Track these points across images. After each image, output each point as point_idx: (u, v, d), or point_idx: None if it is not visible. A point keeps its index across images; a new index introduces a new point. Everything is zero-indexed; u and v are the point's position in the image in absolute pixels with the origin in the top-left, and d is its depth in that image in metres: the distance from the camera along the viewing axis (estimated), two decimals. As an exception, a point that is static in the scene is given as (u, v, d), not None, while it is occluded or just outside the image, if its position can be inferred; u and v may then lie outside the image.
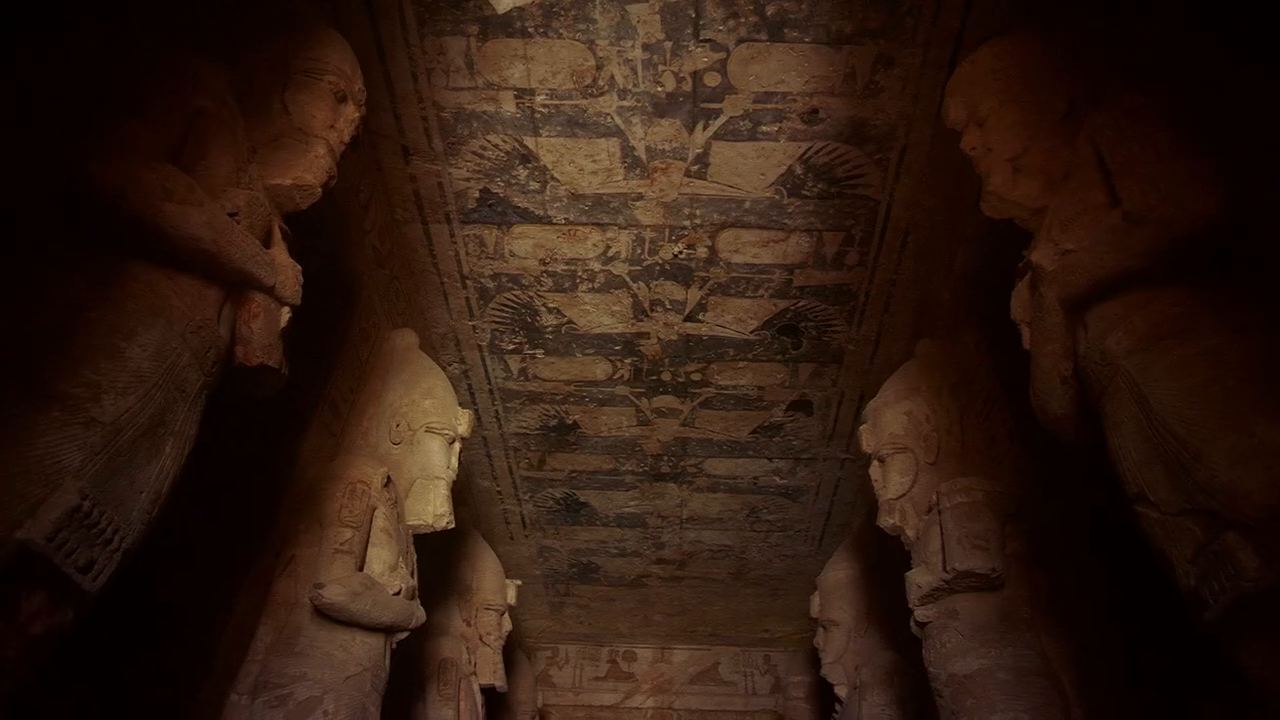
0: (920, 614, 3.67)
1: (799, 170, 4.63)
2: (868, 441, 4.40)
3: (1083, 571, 3.48)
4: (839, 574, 6.19)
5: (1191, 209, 1.95)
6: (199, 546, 3.28)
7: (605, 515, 7.59)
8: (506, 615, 6.27)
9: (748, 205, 4.84)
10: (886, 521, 4.06)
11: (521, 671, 7.89)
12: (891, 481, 4.11)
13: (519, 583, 6.52)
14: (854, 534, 6.46)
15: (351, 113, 2.73)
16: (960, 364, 4.57)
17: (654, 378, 6.06)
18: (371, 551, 3.61)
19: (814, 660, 7.71)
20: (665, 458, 6.84)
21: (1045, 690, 3.25)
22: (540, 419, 6.46)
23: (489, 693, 6.07)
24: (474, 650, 5.87)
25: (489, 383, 6.14)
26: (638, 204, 4.86)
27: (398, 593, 3.61)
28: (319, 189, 2.53)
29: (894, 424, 4.26)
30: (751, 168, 4.64)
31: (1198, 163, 2.00)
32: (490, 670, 5.85)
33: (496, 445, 6.78)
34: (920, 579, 3.67)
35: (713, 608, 9.00)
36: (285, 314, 2.43)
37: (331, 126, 2.63)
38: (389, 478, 3.84)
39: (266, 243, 2.38)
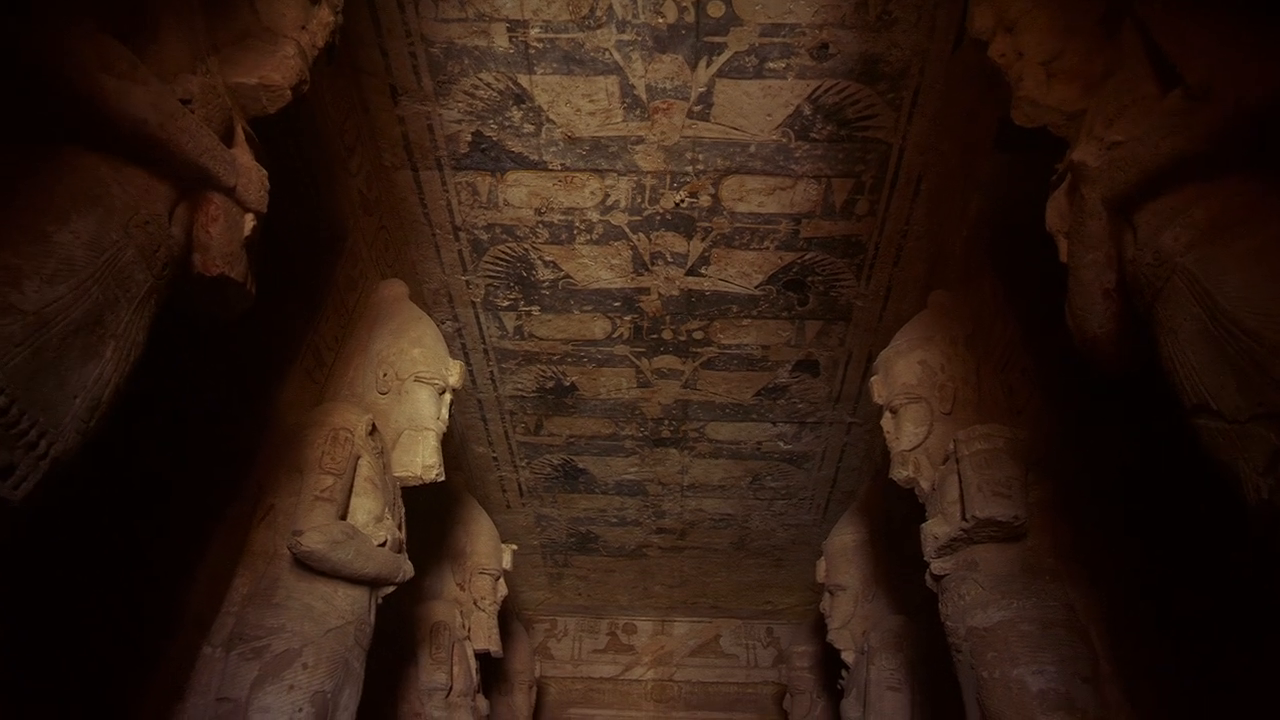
0: (937, 566, 3.48)
1: (807, 111, 4.40)
2: (879, 392, 4.20)
3: (1109, 523, 3.28)
4: (845, 538, 6.01)
5: (1267, 76, 1.74)
6: (168, 494, 3.09)
7: (604, 482, 7.41)
8: (502, 580, 6.10)
9: (753, 149, 4.61)
10: (900, 474, 3.86)
11: (519, 642, 7.74)
12: (905, 432, 3.91)
13: (514, 547, 6.34)
14: (861, 498, 6.28)
15: (325, 15, 2.51)
16: (975, 315, 4.36)
17: (654, 336, 5.86)
18: (355, 501, 3.41)
19: (818, 631, 7.55)
20: (666, 421, 6.65)
21: (1072, 642, 3.07)
22: (537, 380, 6.27)
23: (484, 659, 5.91)
24: (468, 615, 5.69)
25: (483, 341, 5.94)
26: (637, 148, 4.63)
27: (383, 544, 3.41)
28: (288, 91, 2.31)
29: (907, 373, 4.05)
30: (757, 108, 4.41)
31: (1269, 32, 1.79)
32: (485, 635, 5.68)
33: (492, 409, 6.59)
34: (937, 530, 3.47)
35: (714, 579, 8.85)
36: (249, 221, 2.22)
37: (303, 28, 2.41)
38: (374, 425, 3.64)
39: (228, 143, 2.16)
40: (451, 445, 6.68)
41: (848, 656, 5.48)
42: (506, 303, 5.62)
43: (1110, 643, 3.07)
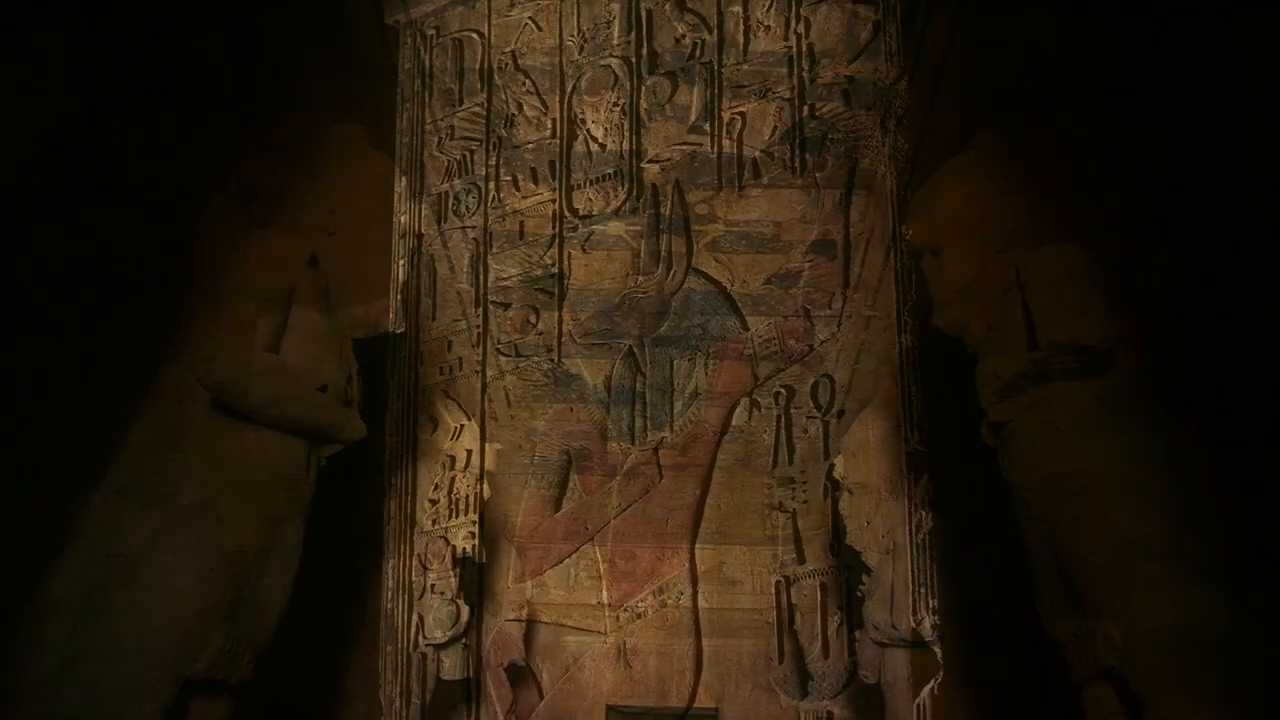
0: (996, 413, 2.91)
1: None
2: (919, 233, 3.59)
3: (1204, 355, 2.71)
4: (866, 434, 5.45)
5: None
6: (47, 320, 2.49)
7: (598, 389, 6.82)
8: (485, 482, 5.53)
9: (766, -35, 3.96)
10: (947, 318, 3.27)
11: (507, 561, 7.21)
12: (952, 271, 3.31)
13: (499, 446, 5.77)
14: (881, 395, 5.70)
15: None
16: (1026, 148, 3.74)
17: (652, 212, 5.24)
18: (289, 341, 2.82)
19: (830, 549, 7.03)
20: (666, 316, 6.05)
21: (1174, 484, 2.51)
22: (523, 266, 5.65)
23: (469, 569, 5.36)
24: (444, 516, 5.13)
25: (461, 220, 5.30)
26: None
27: (323, 389, 2.84)
28: None
29: (952, 209, 3.44)
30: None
31: None
32: (464, 535, 5.12)
33: (473, 303, 5.97)
34: (999, 368, 2.88)
35: (718, 500, 8.31)
36: None
37: None
38: (315, 256, 3.03)
39: None
40: (429, 345, 6.09)
41: (870, 558, 4.96)
42: (486, 170, 5.00)
43: (1215, 486, 2.51)
